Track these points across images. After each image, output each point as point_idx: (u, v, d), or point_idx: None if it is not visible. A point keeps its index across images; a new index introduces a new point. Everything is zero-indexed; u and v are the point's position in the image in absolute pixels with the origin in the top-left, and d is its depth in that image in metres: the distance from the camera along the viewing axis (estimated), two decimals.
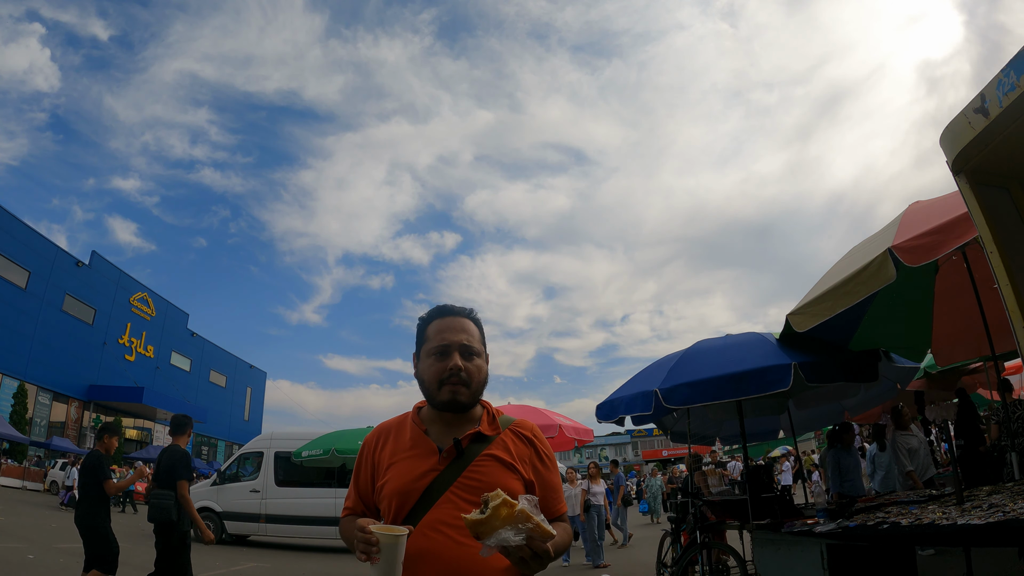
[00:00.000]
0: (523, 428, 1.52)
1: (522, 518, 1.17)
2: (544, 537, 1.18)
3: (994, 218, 2.21)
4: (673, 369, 5.49)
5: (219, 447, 41.53)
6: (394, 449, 1.50)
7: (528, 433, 1.52)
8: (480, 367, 1.49)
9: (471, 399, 1.47)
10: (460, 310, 1.55)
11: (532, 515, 1.17)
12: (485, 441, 1.45)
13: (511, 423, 1.52)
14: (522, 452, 1.47)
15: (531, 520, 1.17)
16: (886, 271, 3.67)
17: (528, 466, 1.46)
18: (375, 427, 1.63)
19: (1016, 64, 1.86)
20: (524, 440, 1.50)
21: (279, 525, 12.68)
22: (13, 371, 24.82)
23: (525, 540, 1.16)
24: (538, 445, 1.51)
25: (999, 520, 2.79)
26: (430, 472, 1.40)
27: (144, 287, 34.45)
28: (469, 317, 1.54)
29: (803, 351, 5.01)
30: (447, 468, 1.40)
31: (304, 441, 10.32)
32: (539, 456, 1.50)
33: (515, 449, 1.46)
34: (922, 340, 5.73)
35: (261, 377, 49.41)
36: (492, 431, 1.47)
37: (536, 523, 1.17)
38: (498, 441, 1.46)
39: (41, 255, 26.92)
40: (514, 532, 1.16)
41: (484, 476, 1.39)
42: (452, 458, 1.41)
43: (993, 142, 2.09)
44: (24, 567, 7.56)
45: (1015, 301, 2.08)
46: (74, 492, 19.14)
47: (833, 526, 4.02)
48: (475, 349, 1.49)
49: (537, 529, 1.17)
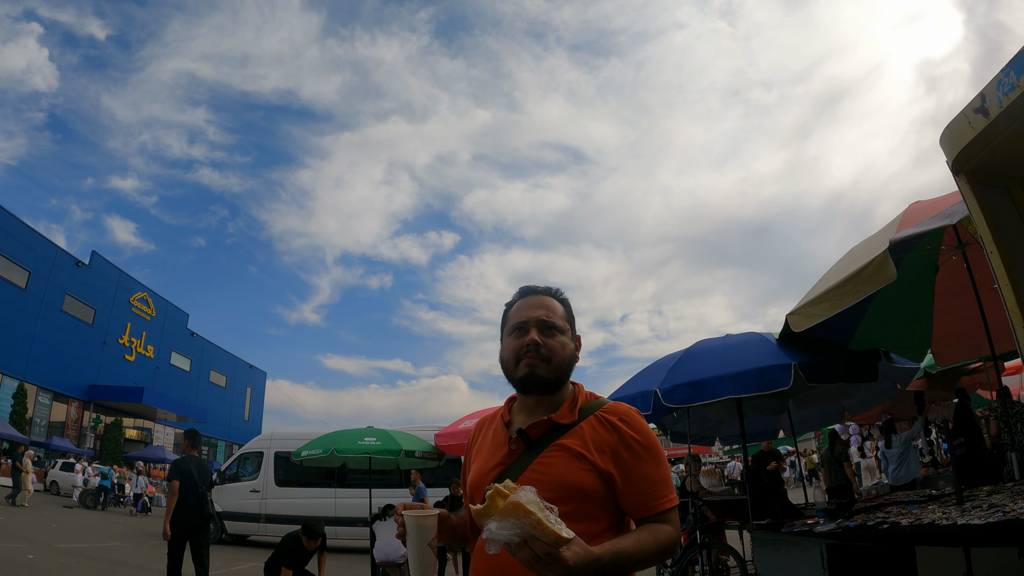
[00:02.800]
0: (610, 412, 1.32)
1: (519, 512, 1.01)
2: (546, 536, 1.01)
3: (994, 218, 2.21)
4: (673, 369, 5.49)
5: (219, 447, 41.50)
6: (481, 442, 1.46)
7: (614, 418, 1.30)
8: (564, 344, 1.36)
9: (552, 375, 1.33)
10: (542, 289, 1.45)
11: (532, 510, 1.01)
12: (562, 430, 1.30)
13: (601, 407, 1.34)
14: (601, 440, 1.28)
15: (530, 516, 1.01)
16: (886, 270, 3.66)
17: (607, 456, 1.26)
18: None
19: (1016, 64, 1.86)
20: (607, 426, 1.29)
21: (279, 525, 12.66)
22: (13, 371, 24.79)
23: (520, 537, 1.01)
24: (625, 431, 1.28)
25: (999, 520, 2.79)
26: (498, 466, 1.32)
27: (144, 287, 34.42)
28: (551, 295, 1.43)
29: (803, 351, 5.01)
30: (515, 461, 1.30)
31: (304, 441, 10.28)
32: (625, 444, 1.27)
33: (593, 437, 1.28)
34: (922, 340, 5.73)
35: (261, 377, 49.38)
36: (569, 418, 1.31)
37: (536, 519, 1.01)
38: (576, 429, 1.29)
39: (41, 255, 26.90)
40: (508, 527, 1.01)
41: (550, 469, 1.26)
42: (522, 450, 1.31)
43: (993, 142, 2.09)
44: (24, 567, 7.55)
45: (1015, 301, 2.08)
46: (145, 499, 19.24)
47: (833, 526, 4.02)
48: (557, 325, 1.37)
49: (538, 526, 1.01)
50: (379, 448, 8.94)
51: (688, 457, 8.54)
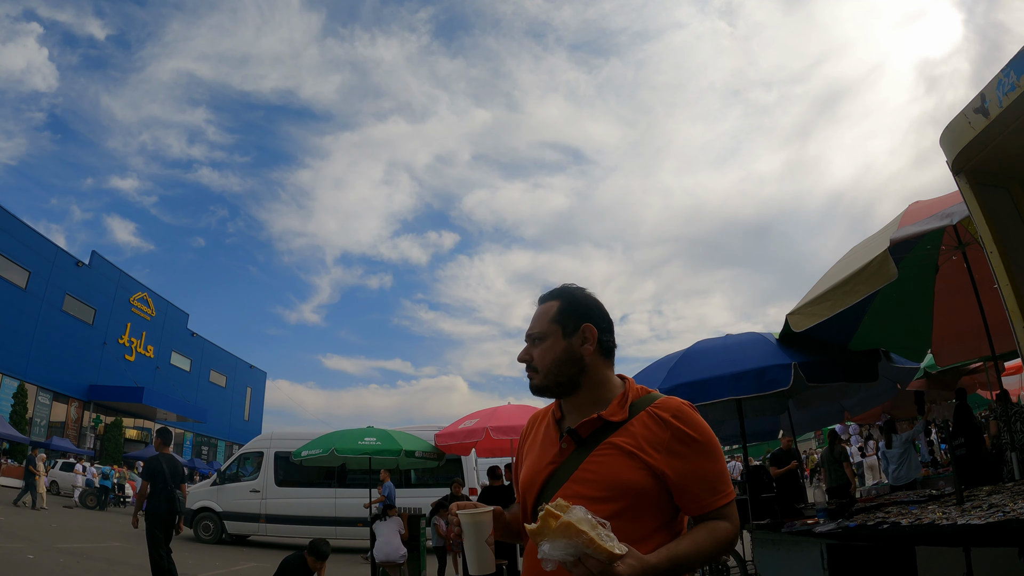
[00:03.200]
0: (662, 408, 1.28)
1: (571, 532, 1.03)
2: (599, 554, 1.02)
3: (994, 218, 2.21)
4: (673, 369, 5.49)
5: (219, 447, 41.51)
6: (533, 439, 1.45)
7: (666, 414, 1.27)
8: (546, 350, 1.35)
9: (545, 382, 1.35)
10: (541, 297, 1.45)
11: (584, 529, 1.03)
12: (612, 427, 1.28)
13: (652, 403, 1.31)
14: (654, 437, 1.25)
15: (582, 535, 1.03)
16: (887, 270, 3.66)
17: (660, 453, 1.23)
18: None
19: (1016, 64, 1.86)
20: (659, 422, 1.26)
21: (279, 525, 12.67)
22: (13, 371, 24.79)
23: (574, 556, 1.03)
24: (677, 426, 1.25)
25: (999, 520, 2.79)
26: (550, 465, 1.32)
27: (144, 287, 34.42)
28: (544, 300, 1.43)
29: (803, 351, 5.01)
30: (567, 460, 1.30)
31: (304, 441, 10.29)
32: (678, 440, 1.24)
33: (645, 434, 1.25)
34: (922, 340, 5.73)
35: (261, 377, 49.39)
36: (620, 415, 1.29)
37: (589, 538, 1.02)
38: (627, 426, 1.27)
39: (41, 255, 26.90)
40: (562, 547, 1.04)
41: (601, 468, 1.25)
42: (572, 448, 1.31)
43: (993, 142, 2.09)
44: (24, 567, 7.55)
45: (1015, 301, 2.08)
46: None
47: (833, 526, 4.02)
48: (536, 333, 1.38)
49: (591, 545, 1.02)
50: (379, 448, 8.94)
51: None
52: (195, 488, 14.58)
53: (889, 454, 7.83)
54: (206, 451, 39.83)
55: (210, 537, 12.68)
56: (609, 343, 1.39)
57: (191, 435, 38.16)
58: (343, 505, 12.50)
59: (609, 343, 1.39)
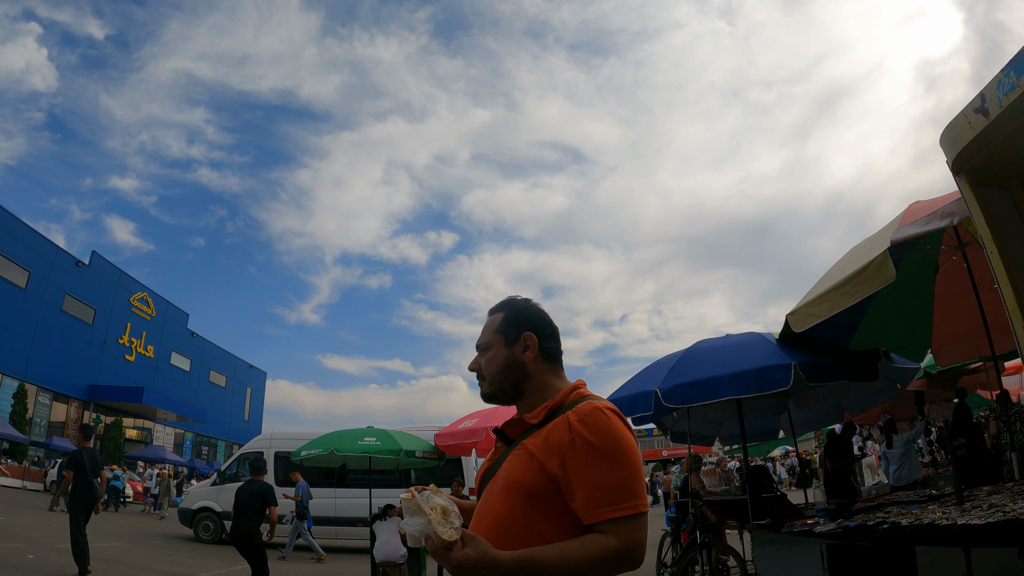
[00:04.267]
0: (575, 412, 1.27)
1: (419, 512, 1.12)
2: (436, 537, 1.09)
3: (994, 218, 2.21)
4: (673, 369, 5.49)
5: (219, 447, 41.50)
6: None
7: (573, 418, 1.25)
8: (491, 359, 1.42)
9: (491, 389, 1.43)
10: (490, 310, 1.52)
11: (426, 511, 1.11)
12: (533, 430, 1.32)
13: (574, 407, 1.29)
14: (557, 440, 1.24)
15: (424, 516, 1.11)
16: (886, 270, 3.67)
17: (556, 457, 1.22)
18: None
19: (1016, 64, 1.86)
20: (566, 426, 1.24)
21: (279, 525, 12.66)
22: (13, 371, 24.79)
23: (421, 535, 1.11)
24: (579, 431, 1.22)
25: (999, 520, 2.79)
26: (487, 461, 1.42)
27: (144, 287, 34.41)
28: (491, 312, 1.50)
29: (803, 351, 5.01)
30: (496, 460, 1.38)
31: (304, 441, 10.29)
32: (574, 445, 1.21)
33: (552, 437, 1.25)
34: (922, 340, 5.73)
35: (261, 377, 49.37)
36: (537, 417, 1.32)
37: (427, 520, 1.10)
38: (542, 429, 1.29)
39: (41, 255, 26.89)
40: (413, 524, 1.12)
41: (508, 466, 1.32)
42: (503, 448, 1.38)
43: (993, 142, 2.09)
44: (24, 567, 7.55)
45: (1015, 301, 2.08)
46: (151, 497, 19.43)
47: (833, 526, 4.02)
48: (483, 344, 1.45)
49: (429, 526, 1.10)
50: (379, 448, 8.94)
51: (688, 457, 8.54)
52: (195, 488, 14.58)
53: (890, 454, 7.83)
54: (206, 451, 39.83)
55: (210, 537, 12.68)
56: (552, 350, 1.44)
57: (191, 435, 38.16)
58: (343, 505, 12.51)
59: (552, 350, 1.44)
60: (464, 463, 12.39)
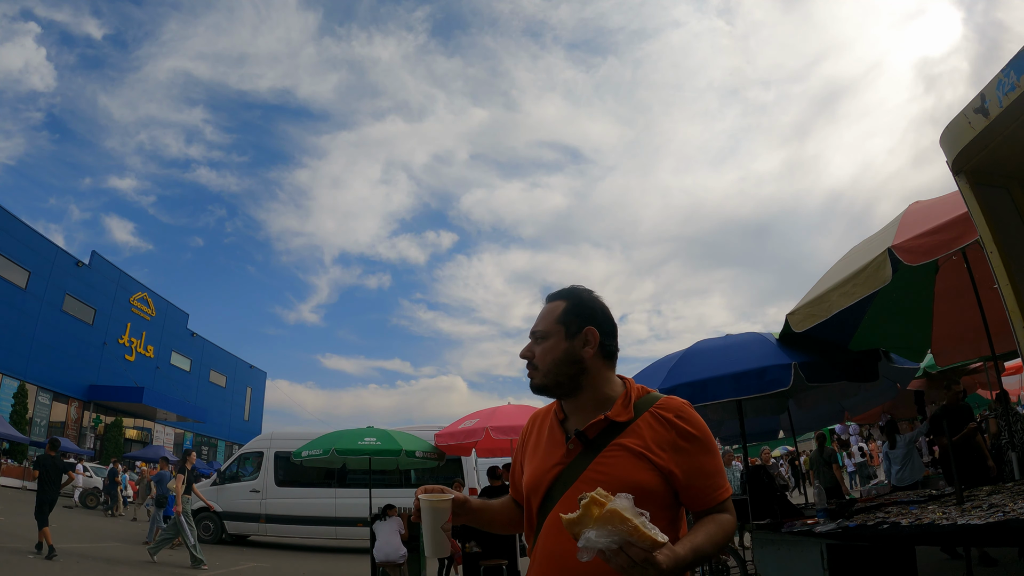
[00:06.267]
0: (664, 408, 1.32)
1: (615, 520, 1.03)
2: (643, 542, 1.03)
3: (994, 218, 2.21)
4: (673, 369, 5.49)
5: (219, 447, 41.48)
6: (536, 440, 1.45)
7: (669, 414, 1.30)
8: (547, 349, 1.37)
9: (544, 381, 1.37)
10: (548, 296, 1.47)
11: (629, 517, 1.03)
12: (619, 428, 1.30)
13: (654, 403, 1.34)
14: (660, 437, 1.28)
15: (627, 523, 1.03)
16: (882, 273, 3.67)
17: (668, 453, 1.27)
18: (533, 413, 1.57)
19: (1016, 64, 1.86)
20: (663, 422, 1.29)
21: (279, 525, 12.67)
22: (13, 371, 24.78)
23: (617, 544, 1.03)
24: (681, 426, 1.29)
25: (999, 520, 2.79)
26: (556, 466, 1.33)
27: (144, 287, 34.40)
28: (551, 299, 1.46)
29: (803, 351, 5.01)
30: (573, 461, 1.31)
31: (304, 441, 10.30)
32: (683, 439, 1.28)
33: (651, 434, 1.28)
34: (922, 340, 5.74)
35: (261, 377, 49.37)
36: (625, 415, 1.31)
37: (633, 526, 1.03)
38: (633, 427, 1.30)
39: (41, 255, 26.89)
40: (606, 535, 1.03)
41: (611, 469, 1.27)
42: (580, 450, 1.32)
43: (993, 142, 2.09)
44: (24, 567, 7.56)
45: (1015, 301, 2.08)
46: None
47: (833, 526, 4.03)
48: (539, 332, 1.40)
49: (635, 533, 1.03)
50: (379, 448, 8.94)
51: None
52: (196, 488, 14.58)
53: (892, 455, 7.81)
54: (206, 451, 39.81)
55: (210, 537, 12.68)
56: (612, 347, 1.40)
57: (191, 435, 38.15)
58: (343, 505, 12.51)
59: (612, 347, 1.40)
60: (464, 463, 12.39)
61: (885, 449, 8.13)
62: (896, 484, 7.49)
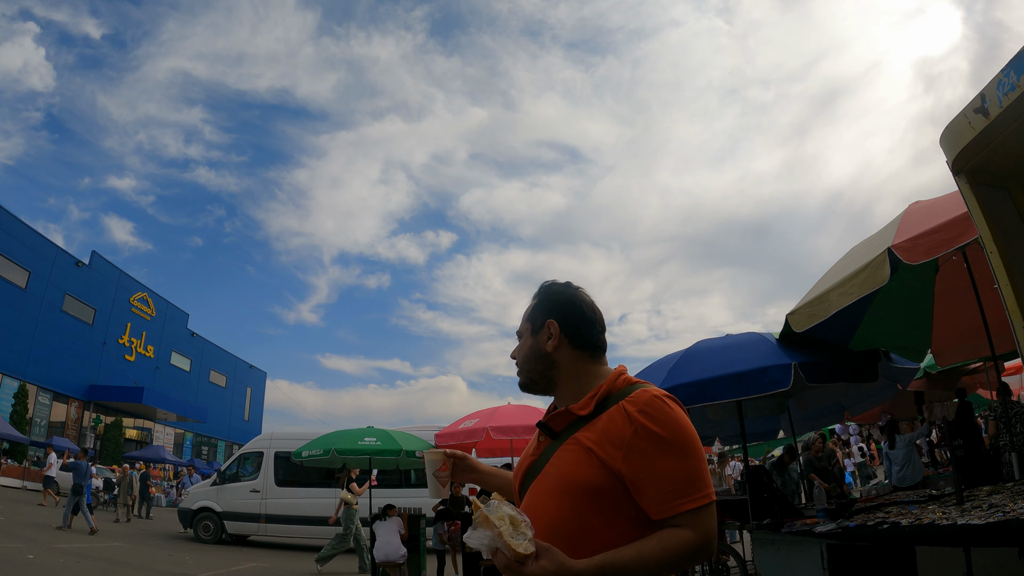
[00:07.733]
0: (632, 401, 1.18)
1: (487, 524, 1.04)
2: (508, 551, 1.01)
3: (994, 218, 2.21)
4: (673, 369, 5.49)
5: (219, 447, 41.48)
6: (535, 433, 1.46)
7: (633, 408, 1.17)
8: (521, 347, 1.39)
9: (525, 378, 1.37)
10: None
11: (495, 524, 1.03)
12: (583, 422, 1.23)
13: (627, 396, 1.21)
14: (617, 433, 1.16)
15: (493, 528, 1.03)
16: (881, 274, 3.68)
17: (619, 451, 1.14)
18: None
19: (1016, 64, 1.86)
20: (625, 417, 1.16)
21: (279, 525, 12.67)
22: (13, 371, 24.78)
23: (488, 548, 1.03)
24: (642, 422, 1.14)
25: (999, 520, 2.79)
26: (529, 457, 1.33)
27: (144, 287, 34.39)
28: (532, 296, 1.45)
29: (803, 351, 5.01)
30: (541, 453, 1.28)
31: (304, 441, 10.31)
32: (639, 438, 1.14)
33: (609, 429, 1.17)
34: (922, 340, 5.74)
35: (261, 377, 49.37)
36: (586, 409, 1.23)
37: (498, 533, 1.03)
38: (596, 421, 1.20)
39: (41, 255, 26.89)
40: (482, 537, 1.04)
41: (561, 463, 1.22)
42: (548, 442, 1.29)
43: (993, 142, 2.09)
44: (24, 567, 7.55)
45: (1015, 301, 2.08)
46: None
47: (833, 526, 4.03)
48: (519, 331, 1.41)
49: (501, 539, 1.02)
50: (379, 448, 8.94)
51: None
52: (195, 488, 14.57)
53: (893, 455, 7.80)
54: (206, 451, 39.81)
55: (210, 537, 12.68)
56: (587, 338, 1.34)
57: (191, 435, 38.15)
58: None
59: (587, 338, 1.34)
60: None
61: (885, 449, 8.14)
62: (897, 484, 7.49)
